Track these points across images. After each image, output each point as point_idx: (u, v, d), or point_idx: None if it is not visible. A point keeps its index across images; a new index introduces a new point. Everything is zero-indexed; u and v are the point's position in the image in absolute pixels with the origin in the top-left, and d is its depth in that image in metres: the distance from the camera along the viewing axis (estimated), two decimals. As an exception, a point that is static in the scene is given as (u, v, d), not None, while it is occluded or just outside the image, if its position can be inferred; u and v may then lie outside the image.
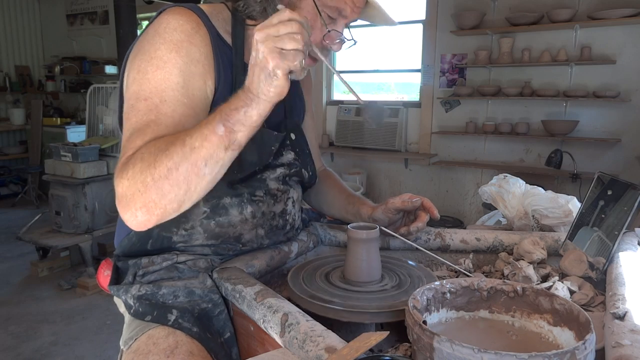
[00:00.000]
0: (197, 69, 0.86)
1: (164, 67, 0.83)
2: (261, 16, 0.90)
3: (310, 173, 1.09)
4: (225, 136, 0.73)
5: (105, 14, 5.91)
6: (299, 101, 1.13)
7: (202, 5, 0.93)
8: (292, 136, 1.05)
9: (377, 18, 0.96)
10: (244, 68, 0.93)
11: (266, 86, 0.71)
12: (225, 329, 0.87)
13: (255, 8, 0.90)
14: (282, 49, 0.69)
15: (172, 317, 0.84)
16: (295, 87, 1.11)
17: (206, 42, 0.88)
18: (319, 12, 0.87)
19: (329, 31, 0.89)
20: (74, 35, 6.22)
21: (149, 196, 0.73)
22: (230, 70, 0.92)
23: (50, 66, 6.27)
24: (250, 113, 0.73)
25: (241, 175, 0.94)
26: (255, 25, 0.90)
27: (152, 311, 0.85)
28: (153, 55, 0.83)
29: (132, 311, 0.88)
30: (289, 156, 1.03)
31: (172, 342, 0.82)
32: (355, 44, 0.96)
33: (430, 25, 4.10)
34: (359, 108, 4.45)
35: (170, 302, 0.87)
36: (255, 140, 0.94)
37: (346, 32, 0.93)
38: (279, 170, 1.01)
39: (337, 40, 0.91)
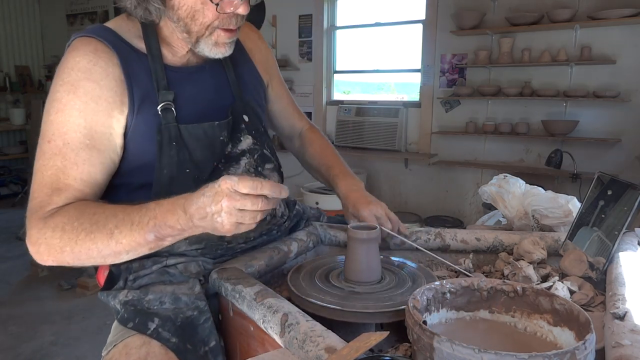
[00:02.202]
0: (100, 106, 0.85)
1: (63, 109, 0.84)
2: (149, 16, 0.88)
3: (269, 150, 1.07)
4: (153, 242, 0.78)
5: (105, 14, 5.90)
6: (253, 79, 1.10)
7: (109, 23, 0.93)
8: (246, 118, 1.02)
9: None
10: (164, 70, 0.92)
11: (207, 229, 0.76)
12: (211, 338, 0.85)
13: (138, 13, 0.88)
14: (241, 223, 0.73)
15: (152, 326, 0.83)
16: (246, 64, 1.09)
17: (108, 72, 0.86)
18: None
19: (217, 4, 0.84)
20: (74, 35, 6.22)
21: (64, 258, 0.80)
22: (150, 82, 0.90)
23: (50, 66, 6.27)
24: (184, 235, 0.78)
25: (204, 176, 0.93)
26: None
27: (135, 318, 0.85)
28: (54, 98, 0.85)
29: (119, 317, 0.88)
30: (247, 141, 1.01)
31: (144, 353, 0.81)
32: None
33: (430, 25, 4.10)
34: (359, 108, 4.45)
35: (155, 308, 0.86)
36: (200, 138, 0.93)
37: None
38: (243, 161, 0.99)
39: (236, 2, 0.85)
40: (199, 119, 0.94)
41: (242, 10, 0.87)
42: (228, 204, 0.71)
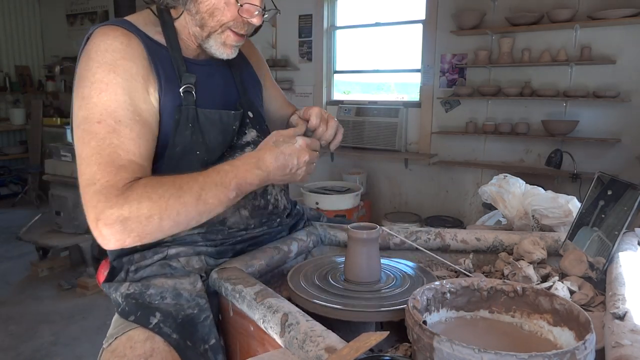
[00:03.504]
0: (138, 83, 0.88)
1: (107, 89, 0.84)
2: (173, 2, 0.93)
3: None
4: (234, 199, 0.87)
5: (105, 14, 5.90)
6: (252, 80, 1.16)
7: (128, 18, 0.96)
8: (250, 114, 1.07)
9: None
10: (182, 59, 0.96)
11: (283, 180, 0.93)
12: (211, 336, 0.86)
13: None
14: (309, 173, 0.95)
15: (154, 320, 0.84)
16: (247, 68, 1.15)
17: (139, 52, 0.90)
18: None
19: (241, 5, 0.91)
20: (74, 35, 6.22)
21: (148, 229, 0.78)
22: (171, 67, 0.94)
23: (50, 66, 6.26)
24: (260, 187, 0.91)
25: (211, 160, 0.96)
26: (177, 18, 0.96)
27: (137, 311, 0.85)
28: (93, 79, 0.84)
29: (119, 309, 0.88)
30: (252, 134, 1.06)
31: (149, 348, 0.82)
32: (277, 12, 0.99)
33: (430, 25, 4.10)
34: (359, 108, 4.45)
35: (156, 302, 0.87)
36: (216, 123, 0.98)
37: (268, 3, 0.97)
38: (247, 150, 1.03)
39: (256, 13, 0.93)
40: (214, 107, 0.99)
41: (256, 20, 0.94)
42: (306, 159, 0.91)
